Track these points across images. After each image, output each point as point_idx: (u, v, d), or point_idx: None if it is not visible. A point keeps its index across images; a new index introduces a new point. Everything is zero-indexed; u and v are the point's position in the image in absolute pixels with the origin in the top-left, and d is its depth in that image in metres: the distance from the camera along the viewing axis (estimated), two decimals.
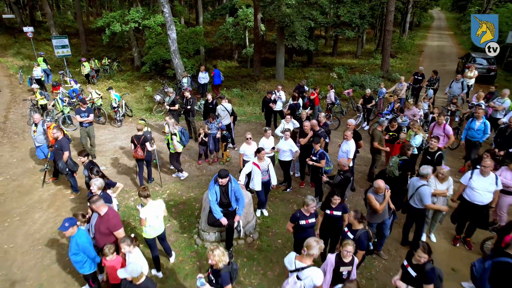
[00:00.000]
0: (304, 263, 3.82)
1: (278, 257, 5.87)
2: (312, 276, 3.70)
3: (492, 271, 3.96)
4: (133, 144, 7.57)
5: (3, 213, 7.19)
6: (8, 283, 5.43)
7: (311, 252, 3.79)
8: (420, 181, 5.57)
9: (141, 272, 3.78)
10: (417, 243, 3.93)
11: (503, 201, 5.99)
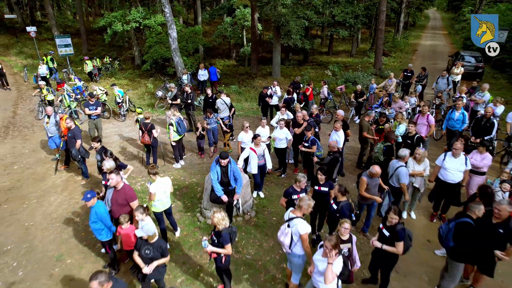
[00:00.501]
0: (295, 215, 4.54)
1: (272, 232, 6.57)
2: (298, 225, 4.40)
3: (454, 230, 4.66)
4: (141, 130, 8.30)
5: (21, 196, 7.86)
6: (32, 254, 6.11)
7: (301, 203, 4.50)
8: (399, 162, 6.29)
9: (154, 232, 4.47)
10: (389, 207, 4.65)
11: (473, 181, 6.71)
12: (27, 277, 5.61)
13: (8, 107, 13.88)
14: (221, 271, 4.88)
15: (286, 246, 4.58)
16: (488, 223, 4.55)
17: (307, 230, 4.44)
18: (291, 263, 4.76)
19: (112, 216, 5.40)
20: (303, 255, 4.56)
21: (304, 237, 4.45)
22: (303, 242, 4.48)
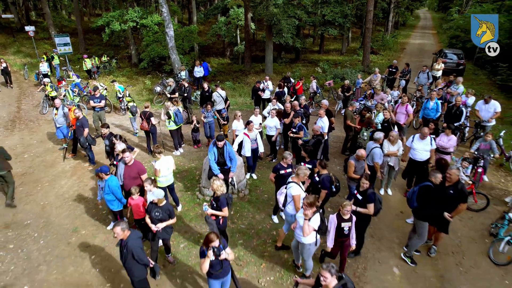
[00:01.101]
0: (292, 180, 5.47)
1: (264, 206, 7.45)
2: (292, 188, 5.34)
3: (418, 193, 5.57)
4: (141, 118, 9.17)
5: (34, 180, 8.64)
6: (50, 227, 6.91)
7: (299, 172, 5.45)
8: (374, 144, 7.21)
9: (163, 196, 5.31)
10: (362, 174, 5.54)
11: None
12: (48, 245, 6.42)
13: (13, 103, 14.58)
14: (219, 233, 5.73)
15: (280, 203, 5.56)
16: (442, 186, 5.46)
17: (299, 193, 5.32)
18: (286, 221, 5.70)
19: (124, 189, 6.24)
20: (295, 215, 5.41)
21: (295, 198, 5.33)
22: (295, 202, 5.36)
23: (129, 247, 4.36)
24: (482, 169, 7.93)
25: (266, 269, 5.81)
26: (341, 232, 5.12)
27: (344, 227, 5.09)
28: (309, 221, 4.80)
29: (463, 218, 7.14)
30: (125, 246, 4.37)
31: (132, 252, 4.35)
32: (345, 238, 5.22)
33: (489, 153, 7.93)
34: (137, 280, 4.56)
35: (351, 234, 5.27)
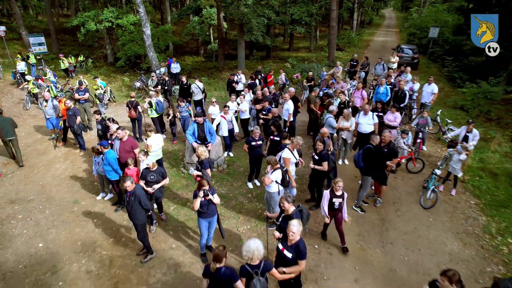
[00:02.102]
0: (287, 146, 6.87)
1: (240, 177, 8.81)
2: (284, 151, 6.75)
3: (362, 154, 7.10)
4: (128, 107, 10.26)
5: (30, 166, 9.54)
6: (52, 200, 7.93)
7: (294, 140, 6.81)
8: (328, 114, 8.79)
9: (153, 162, 6.54)
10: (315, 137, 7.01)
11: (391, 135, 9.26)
12: (53, 214, 7.46)
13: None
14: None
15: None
16: (379, 147, 7.02)
17: (289, 156, 6.65)
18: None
19: (120, 161, 7.38)
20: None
21: (285, 160, 6.65)
22: (285, 163, 6.68)
23: (137, 194, 5.57)
24: (421, 140, 9.68)
25: (244, 221, 7.16)
26: (332, 206, 5.97)
27: (335, 202, 5.93)
28: (270, 174, 6.21)
29: (404, 178, 8.82)
30: (133, 195, 5.57)
31: (139, 198, 5.57)
32: (337, 211, 6.04)
33: (426, 127, 9.67)
34: (140, 223, 5.76)
35: (343, 209, 6.06)
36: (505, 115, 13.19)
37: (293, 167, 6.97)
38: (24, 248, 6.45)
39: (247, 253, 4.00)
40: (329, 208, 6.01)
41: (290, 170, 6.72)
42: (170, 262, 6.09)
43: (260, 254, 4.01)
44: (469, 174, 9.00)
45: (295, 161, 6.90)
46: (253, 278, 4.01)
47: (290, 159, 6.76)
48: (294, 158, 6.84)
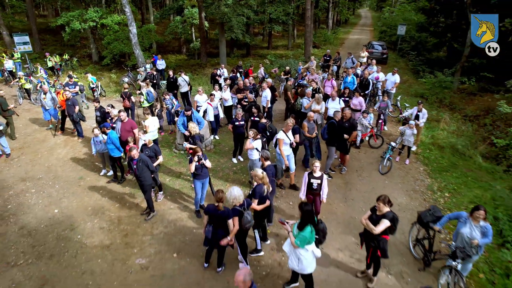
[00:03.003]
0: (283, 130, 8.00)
1: (226, 154, 10.17)
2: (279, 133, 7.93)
3: (327, 128, 8.58)
4: (122, 97, 11.43)
5: (33, 151, 10.56)
6: (59, 178, 9.04)
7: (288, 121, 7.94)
8: (304, 97, 10.27)
9: (150, 139, 7.80)
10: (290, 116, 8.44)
11: (355, 115, 10.81)
12: (62, 188, 8.59)
13: None
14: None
15: (273, 145, 8.22)
16: (341, 122, 8.52)
17: (282, 137, 7.83)
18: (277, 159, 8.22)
19: (121, 140, 8.57)
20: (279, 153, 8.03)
21: (279, 141, 7.84)
22: (279, 144, 7.94)
23: (143, 160, 6.84)
24: (382, 120, 11.31)
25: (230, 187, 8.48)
26: (311, 186, 6.54)
27: (313, 183, 6.48)
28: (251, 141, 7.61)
29: (366, 152, 10.41)
30: (140, 161, 6.83)
31: (146, 162, 6.84)
32: (315, 192, 6.57)
33: (386, 109, 11.30)
34: (147, 184, 7.01)
35: (322, 191, 6.56)
36: (458, 102, 15.08)
37: (287, 147, 8.00)
38: (42, 214, 7.59)
39: (234, 198, 5.38)
40: (308, 189, 6.61)
41: (283, 150, 7.85)
42: (170, 218, 7.38)
43: (241, 197, 5.42)
44: (421, 148, 10.69)
45: (289, 142, 7.94)
46: (243, 213, 5.40)
47: (283, 140, 7.83)
48: (287, 139, 7.89)
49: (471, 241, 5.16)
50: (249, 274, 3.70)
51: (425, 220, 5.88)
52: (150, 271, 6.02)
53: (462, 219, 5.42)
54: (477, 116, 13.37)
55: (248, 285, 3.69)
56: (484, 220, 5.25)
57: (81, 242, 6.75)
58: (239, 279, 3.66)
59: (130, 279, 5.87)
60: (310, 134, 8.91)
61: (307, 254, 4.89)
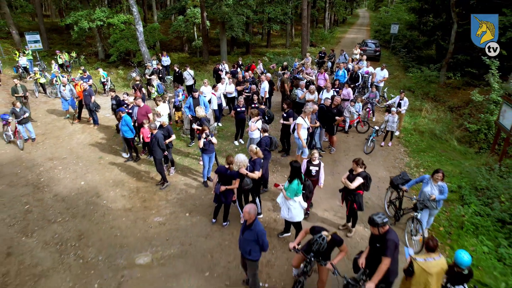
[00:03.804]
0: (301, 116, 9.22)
1: (228, 138, 11.46)
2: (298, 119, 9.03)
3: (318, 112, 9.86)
4: (134, 89, 12.71)
5: (55, 137, 11.83)
6: (81, 158, 10.31)
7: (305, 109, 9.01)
8: (299, 89, 11.56)
9: (164, 121, 9.08)
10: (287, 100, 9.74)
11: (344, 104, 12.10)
12: (85, 165, 9.86)
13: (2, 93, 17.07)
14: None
15: (291, 130, 9.32)
16: (330, 107, 9.81)
17: (301, 123, 8.93)
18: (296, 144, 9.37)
19: (138, 122, 9.83)
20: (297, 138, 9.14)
21: (298, 126, 9.02)
22: (297, 128, 9.13)
23: (157, 137, 8.11)
24: (369, 109, 12.60)
25: None
26: (310, 173, 7.03)
27: (312, 169, 7.02)
28: (254, 122, 8.89)
29: (354, 136, 11.70)
30: (154, 137, 8.11)
31: (157, 139, 8.11)
32: (313, 178, 7.03)
33: (374, 99, 12.60)
34: (158, 158, 8.28)
35: (319, 176, 7.10)
36: (443, 95, 16.39)
37: (304, 131, 8.95)
38: (71, 185, 8.87)
39: (240, 162, 6.66)
40: (306, 174, 6.99)
41: (301, 133, 8.81)
42: (181, 188, 8.67)
43: (246, 161, 6.70)
44: (404, 133, 11.98)
45: (306, 127, 8.92)
46: (244, 176, 6.69)
47: (301, 125, 8.84)
48: (305, 124, 8.88)
49: (430, 196, 6.44)
50: (253, 209, 4.95)
51: (395, 182, 7.18)
52: (167, 226, 7.30)
53: (425, 180, 6.70)
54: (458, 107, 14.67)
55: (252, 217, 4.93)
56: (442, 181, 6.52)
57: (107, 206, 8.02)
58: (245, 211, 4.91)
59: (150, 232, 7.14)
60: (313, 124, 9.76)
61: (295, 204, 6.17)
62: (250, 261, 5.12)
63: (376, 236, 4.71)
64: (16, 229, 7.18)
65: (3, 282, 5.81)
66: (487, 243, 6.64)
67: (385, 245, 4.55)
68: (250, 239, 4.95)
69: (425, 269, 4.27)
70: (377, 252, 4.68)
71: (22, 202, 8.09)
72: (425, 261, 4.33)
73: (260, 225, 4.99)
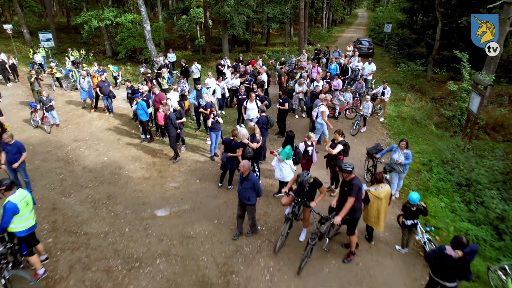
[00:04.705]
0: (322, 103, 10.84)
1: (231, 123, 12.99)
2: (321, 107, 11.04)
3: (310, 98, 11.38)
4: (145, 80, 14.25)
5: (75, 123, 13.35)
6: (102, 139, 11.83)
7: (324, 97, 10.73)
8: (293, 80, 13.09)
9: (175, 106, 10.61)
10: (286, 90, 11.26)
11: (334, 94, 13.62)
12: (106, 145, 11.39)
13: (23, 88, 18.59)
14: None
15: (314, 117, 10.67)
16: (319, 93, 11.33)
17: (325, 110, 10.50)
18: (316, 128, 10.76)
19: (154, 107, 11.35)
20: (322, 123, 10.57)
21: (323, 113, 10.53)
22: (323, 115, 10.60)
23: (170, 117, 9.64)
24: (357, 99, 14.13)
25: None
26: (306, 153, 8.12)
27: (308, 150, 8.15)
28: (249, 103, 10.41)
29: (343, 122, 13.23)
30: (168, 117, 9.63)
31: (171, 119, 9.63)
32: (308, 157, 8.23)
33: (361, 90, 14.13)
34: (171, 135, 9.80)
35: (313, 155, 8.29)
36: (429, 88, 17.92)
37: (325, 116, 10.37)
38: (96, 160, 10.40)
39: (243, 135, 8.19)
40: (304, 155, 8.16)
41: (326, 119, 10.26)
42: (191, 161, 10.21)
43: (247, 134, 8.24)
44: (388, 119, 13.51)
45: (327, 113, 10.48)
46: (246, 146, 8.21)
47: (325, 112, 10.27)
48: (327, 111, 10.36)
49: (397, 161, 7.95)
50: (247, 164, 6.44)
51: (370, 152, 8.70)
52: (180, 190, 8.83)
53: (394, 149, 8.21)
54: (441, 98, 16.20)
55: (247, 170, 6.42)
56: (406, 149, 8.02)
57: (129, 175, 9.55)
58: (241, 165, 6.41)
59: (167, 194, 8.67)
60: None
61: (286, 166, 7.70)
62: (249, 206, 6.62)
63: (345, 182, 6.21)
64: (56, 192, 8.71)
65: (53, 227, 7.33)
66: (445, 200, 8.17)
67: (350, 188, 6.04)
68: (248, 187, 6.44)
69: (376, 195, 5.84)
70: (345, 194, 6.17)
71: (57, 172, 9.62)
72: (376, 190, 5.89)
73: (254, 176, 6.51)
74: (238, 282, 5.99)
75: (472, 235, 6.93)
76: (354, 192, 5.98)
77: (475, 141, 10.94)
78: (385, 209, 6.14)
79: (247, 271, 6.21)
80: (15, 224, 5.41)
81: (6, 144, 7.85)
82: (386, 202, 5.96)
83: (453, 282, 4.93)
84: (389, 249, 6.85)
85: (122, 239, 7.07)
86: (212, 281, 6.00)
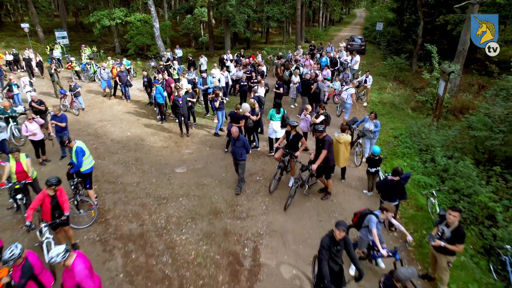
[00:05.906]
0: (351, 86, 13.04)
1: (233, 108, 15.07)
2: (350, 89, 12.95)
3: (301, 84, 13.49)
4: (158, 71, 16.39)
5: (98, 108, 15.47)
6: (123, 121, 13.94)
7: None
8: (288, 71, 15.21)
9: (187, 88, 12.74)
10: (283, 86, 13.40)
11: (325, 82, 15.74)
12: (127, 124, 13.51)
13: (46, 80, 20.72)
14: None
15: (344, 98, 12.90)
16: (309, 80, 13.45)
17: (353, 92, 12.69)
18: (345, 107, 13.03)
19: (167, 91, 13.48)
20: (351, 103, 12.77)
21: (352, 95, 12.68)
22: (352, 97, 12.74)
23: (184, 97, 11.76)
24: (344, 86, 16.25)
25: None
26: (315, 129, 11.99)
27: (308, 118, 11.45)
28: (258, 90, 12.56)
29: (331, 106, 15.33)
30: (184, 99, 11.75)
31: (185, 100, 11.75)
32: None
33: (347, 78, 16.26)
34: (185, 113, 11.92)
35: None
36: (412, 80, 20.04)
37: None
38: (121, 135, 12.53)
39: (245, 109, 10.32)
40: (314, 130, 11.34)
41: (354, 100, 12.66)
42: (201, 135, 12.34)
43: (249, 108, 10.37)
44: (370, 104, 15.63)
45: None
46: (248, 118, 10.35)
47: (354, 94, 12.61)
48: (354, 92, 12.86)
49: (368, 128, 10.06)
50: (236, 129, 8.47)
51: (348, 123, 10.82)
52: (194, 155, 10.95)
53: (366, 119, 10.33)
54: (421, 88, 18.32)
55: (237, 134, 8.43)
56: (375, 119, 10.13)
57: (150, 145, 11.68)
58: (233, 130, 8.46)
59: (183, 157, 10.79)
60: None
61: (271, 125, 9.95)
62: (242, 161, 8.61)
63: (318, 139, 8.29)
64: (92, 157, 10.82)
65: (95, 179, 9.42)
66: (407, 161, 10.29)
67: (323, 143, 8.11)
68: (240, 146, 8.43)
69: (337, 139, 8.06)
70: (319, 149, 8.24)
71: (90, 143, 11.72)
72: (338, 136, 8.07)
73: (243, 136, 8.62)
74: (242, 211, 8.11)
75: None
76: (326, 145, 8.05)
77: (442, 121, 13.05)
78: (343, 152, 8.51)
79: (248, 204, 8.35)
80: (84, 164, 7.54)
81: (55, 116, 10.01)
82: (345, 146, 8.23)
83: (395, 201, 7.06)
84: (358, 192, 8.98)
85: (151, 186, 9.19)
86: (222, 210, 8.13)
